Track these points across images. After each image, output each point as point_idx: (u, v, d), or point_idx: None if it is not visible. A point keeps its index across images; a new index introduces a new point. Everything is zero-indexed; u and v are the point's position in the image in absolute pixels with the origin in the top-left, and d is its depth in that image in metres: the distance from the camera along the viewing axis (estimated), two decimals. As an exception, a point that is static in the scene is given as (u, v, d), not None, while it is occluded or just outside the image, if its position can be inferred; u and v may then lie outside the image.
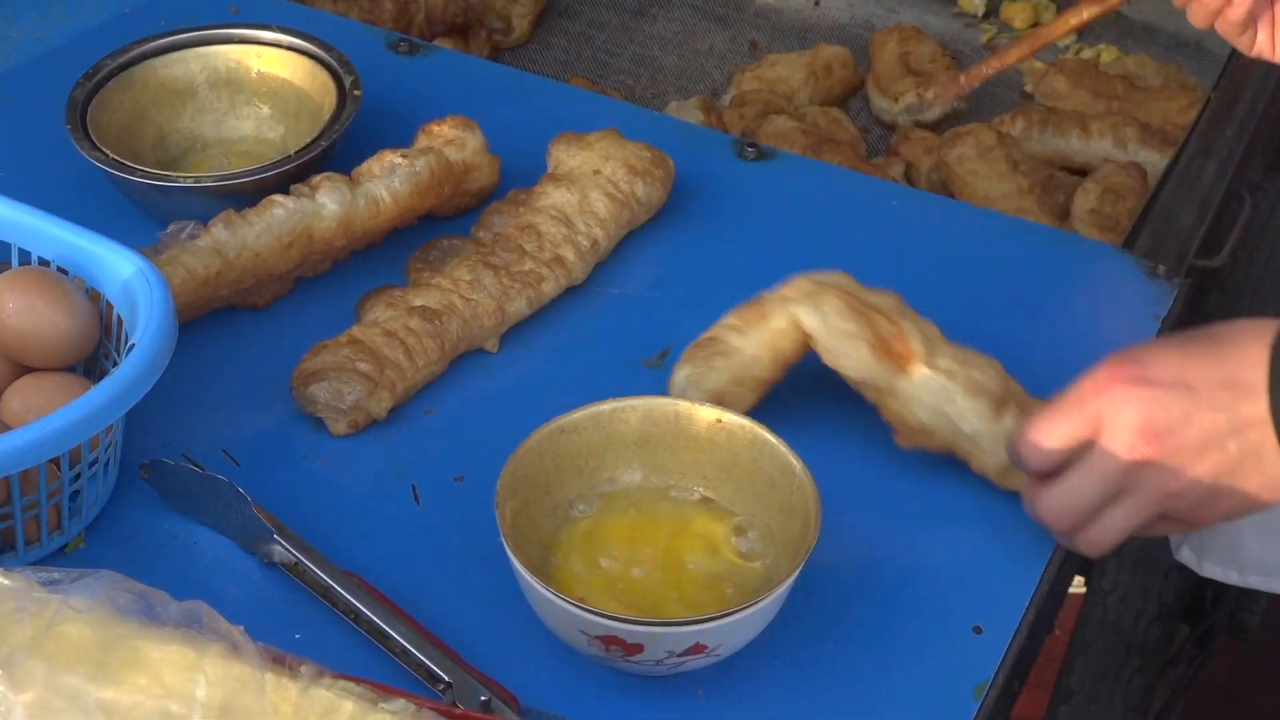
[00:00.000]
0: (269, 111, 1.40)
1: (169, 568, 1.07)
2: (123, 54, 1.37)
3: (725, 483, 1.07)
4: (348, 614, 1.04)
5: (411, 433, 1.17)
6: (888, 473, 1.15)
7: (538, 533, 1.04)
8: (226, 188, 1.27)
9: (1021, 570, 1.09)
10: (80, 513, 1.08)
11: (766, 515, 1.05)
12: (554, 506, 1.06)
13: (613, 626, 0.96)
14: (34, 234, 1.14)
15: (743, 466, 1.06)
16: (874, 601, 1.07)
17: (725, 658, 1.00)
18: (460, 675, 0.99)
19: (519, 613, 1.03)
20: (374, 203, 1.24)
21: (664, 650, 0.97)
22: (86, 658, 0.81)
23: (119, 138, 1.33)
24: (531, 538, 1.03)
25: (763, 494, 1.05)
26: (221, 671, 0.81)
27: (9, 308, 1.09)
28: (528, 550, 1.01)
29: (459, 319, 1.20)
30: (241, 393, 1.19)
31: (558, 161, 1.33)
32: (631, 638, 0.96)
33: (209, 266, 1.18)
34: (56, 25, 1.56)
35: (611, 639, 0.96)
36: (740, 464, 1.06)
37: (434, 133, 1.31)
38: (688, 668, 0.99)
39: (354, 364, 1.15)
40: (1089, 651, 1.67)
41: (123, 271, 1.10)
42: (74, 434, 1.00)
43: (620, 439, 1.07)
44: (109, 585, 0.84)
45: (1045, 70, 1.75)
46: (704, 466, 1.07)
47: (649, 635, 0.96)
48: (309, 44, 1.39)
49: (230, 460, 1.14)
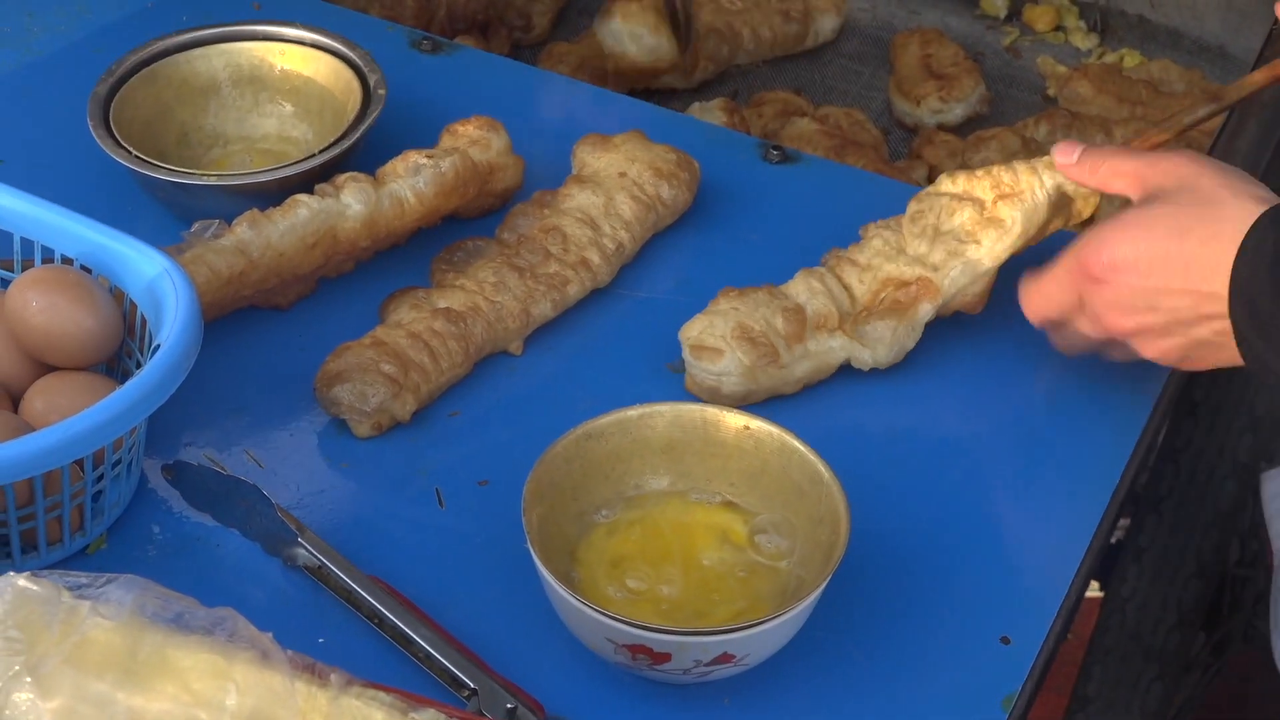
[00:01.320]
0: (292, 109, 1.40)
1: (191, 569, 1.07)
2: (145, 49, 1.37)
3: (752, 490, 1.06)
4: (371, 618, 1.03)
5: (435, 435, 1.16)
6: (915, 482, 1.14)
7: (563, 538, 1.03)
8: (250, 186, 1.27)
9: (1049, 581, 1.08)
10: (103, 513, 1.08)
11: (794, 520, 1.04)
12: (580, 512, 1.05)
13: (641, 635, 0.95)
14: (57, 232, 1.13)
15: (771, 474, 1.05)
16: (901, 611, 1.06)
17: (752, 667, 0.99)
18: (485, 682, 0.99)
19: (544, 619, 1.02)
20: (399, 203, 1.23)
21: (691, 659, 0.96)
22: (115, 664, 0.80)
23: (142, 134, 1.32)
24: (557, 544, 1.02)
25: (791, 502, 1.04)
26: (251, 679, 0.80)
27: (32, 306, 1.09)
28: (553, 557, 1.00)
29: (484, 321, 1.20)
30: (264, 394, 1.19)
31: (583, 163, 1.32)
32: (660, 646, 0.95)
33: (233, 266, 1.17)
34: (77, 20, 1.55)
35: (639, 648, 0.96)
36: (769, 471, 1.06)
37: (459, 133, 1.30)
38: (715, 677, 0.98)
39: (378, 365, 1.15)
40: (1107, 659, 1.67)
41: (147, 271, 1.09)
42: (99, 435, 0.99)
43: (647, 445, 1.07)
44: (137, 591, 0.83)
45: (1069, 74, 1.74)
46: (731, 473, 1.07)
47: (677, 644, 0.95)
48: (333, 41, 1.38)
49: (253, 461, 1.14)
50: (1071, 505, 1.13)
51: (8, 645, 0.78)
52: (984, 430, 1.18)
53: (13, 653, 0.78)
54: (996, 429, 1.18)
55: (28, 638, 0.79)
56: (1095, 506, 1.13)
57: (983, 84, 1.72)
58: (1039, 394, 1.21)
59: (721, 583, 1.02)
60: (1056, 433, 1.18)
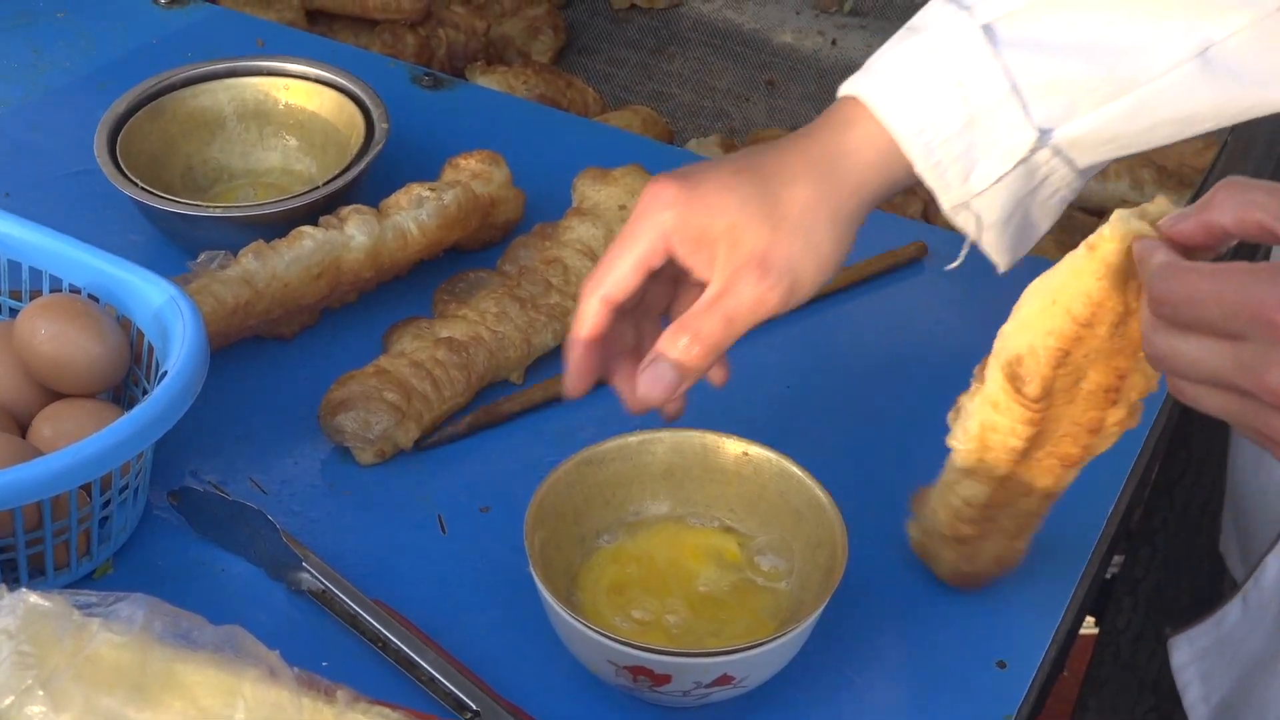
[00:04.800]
0: (296, 143, 1.41)
1: (197, 594, 1.08)
2: (152, 84, 1.39)
3: (751, 515, 1.08)
4: (375, 642, 1.04)
5: (437, 463, 1.18)
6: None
7: (565, 562, 1.05)
8: (255, 218, 1.28)
9: (1044, 606, 1.09)
10: (109, 538, 1.09)
11: (792, 544, 1.06)
12: (581, 537, 1.06)
13: (641, 657, 0.96)
14: (66, 261, 1.15)
15: (769, 499, 1.07)
16: (898, 635, 1.07)
17: (751, 689, 1.00)
18: (488, 704, 1.00)
19: (546, 642, 1.03)
20: (402, 235, 1.25)
21: (692, 681, 0.97)
22: (124, 680, 0.81)
23: (148, 167, 1.34)
24: (559, 567, 1.03)
25: (789, 526, 1.06)
26: (259, 695, 0.81)
27: (41, 334, 1.10)
28: (555, 580, 1.01)
29: (485, 350, 1.21)
30: (269, 422, 1.20)
31: (583, 196, 1.34)
32: (660, 668, 0.96)
33: (238, 296, 1.19)
34: (84, 55, 1.57)
35: (640, 669, 0.97)
36: (767, 496, 1.07)
37: (460, 166, 1.32)
38: (715, 699, 0.99)
39: (381, 394, 1.16)
40: (1102, 691, 1.67)
41: (154, 299, 1.11)
42: (107, 460, 1.01)
43: (647, 470, 1.08)
44: (146, 609, 0.84)
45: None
46: (730, 499, 1.08)
47: (677, 666, 0.96)
48: (337, 76, 1.40)
49: (258, 488, 1.15)
50: (1066, 534, 1.14)
51: (20, 660, 0.79)
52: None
53: (25, 667, 0.79)
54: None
55: (39, 653, 0.80)
56: (1089, 535, 1.15)
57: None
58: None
59: (724, 607, 1.03)
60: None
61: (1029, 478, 0.99)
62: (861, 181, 1.03)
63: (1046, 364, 0.91)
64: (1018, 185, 1.04)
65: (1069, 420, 0.95)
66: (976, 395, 0.97)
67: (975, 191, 1.04)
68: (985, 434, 0.97)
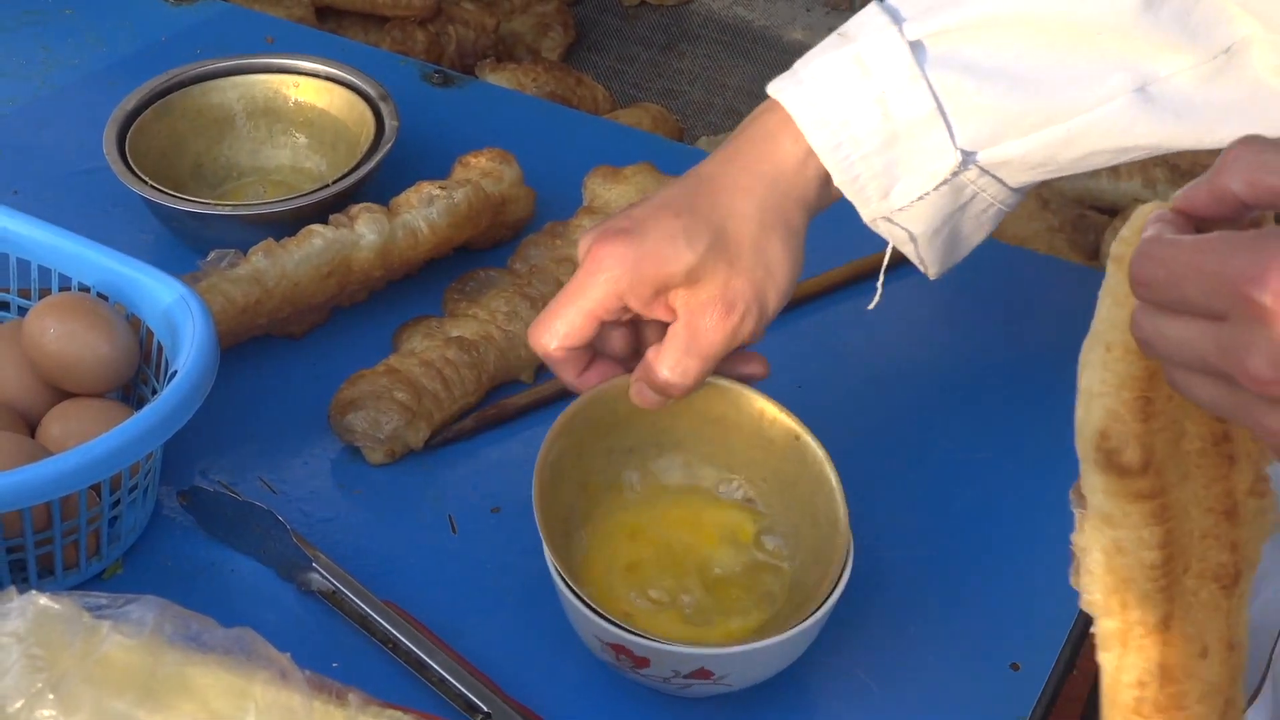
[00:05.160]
0: (306, 141, 1.41)
1: (206, 594, 1.08)
2: (161, 81, 1.38)
3: (778, 496, 1.06)
4: (386, 643, 1.04)
5: (448, 463, 1.17)
6: (924, 510, 1.15)
7: (582, 476, 1.04)
8: (265, 216, 1.28)
9: (1058, 608, 1.09)
10: (119, 538, 1.09)
11: (803, 540, 1.05)
12: (609, 450, 1.05)
13: (621, 636, 0.96)
14: (74, 260, 1.14)
15: (800, 492, 1.05)
16: (911, 638, 1.07)
17: (739, 688, 0.99)
18: (498, 706, 0.99)
19: (557, 643, 1.03)
20: (412, 234, 1.24)
21: (669, 669, 0.97)
22: (135, 683, 0.81)
23: (157, 165, 1.33)
24: (574, 479, 1.03)
25: (804, 524, 1.04)
26: (270, 698, 0.81)
27: (49, 333, 1.09)
28: (562, 498, 1.02)
29: (496, 349, 1.21)
30: (279, 421, 1.20)
31: (593, 194, 1.33)
32: (638, 650, 0.96)
33: (248, 295, 1.18)
34: (92, 52, 1.57)
35: (621, 648, 0.97)
36: (799, 488, 1.05)
37: (471, 165, 1.32)
38: (699, 693, 0.99)
39: (392, 393, 1.16)
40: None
41: (164, 298, 1.10)
42: (117, 460, 1.00)
43: (700, 412, 1.06)
44: (156, 611, 0.84)
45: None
46: (765, 471, 1.06)
47: (654, 651, 0.96)
48: (346, 74, 1.40)
49: (267, 488, 1.15)
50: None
51: (30, 663, 0.79)
52: (994, 456, 1.19)
53: (35, 670, 0.79)
54: (1007, 455, 1.19)
55: (49, 655, 0.80)
56: (1103, 535, 1.14)
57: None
58: (1052, 422, 1.22)
59: (735, 585, 1.03)
60: (1068, 460, 1.18)
61: (1192, 623, 0.77)
62: (802, 196, 1.02)
63: (1134, 420, 0.74)
64: (944, 202, 1.02)
65: (1196, 507, 0.76)
66: (1085, 522, 0.78)
67: (895, 208, 1.02)
68: (1112, 561, 0.77)
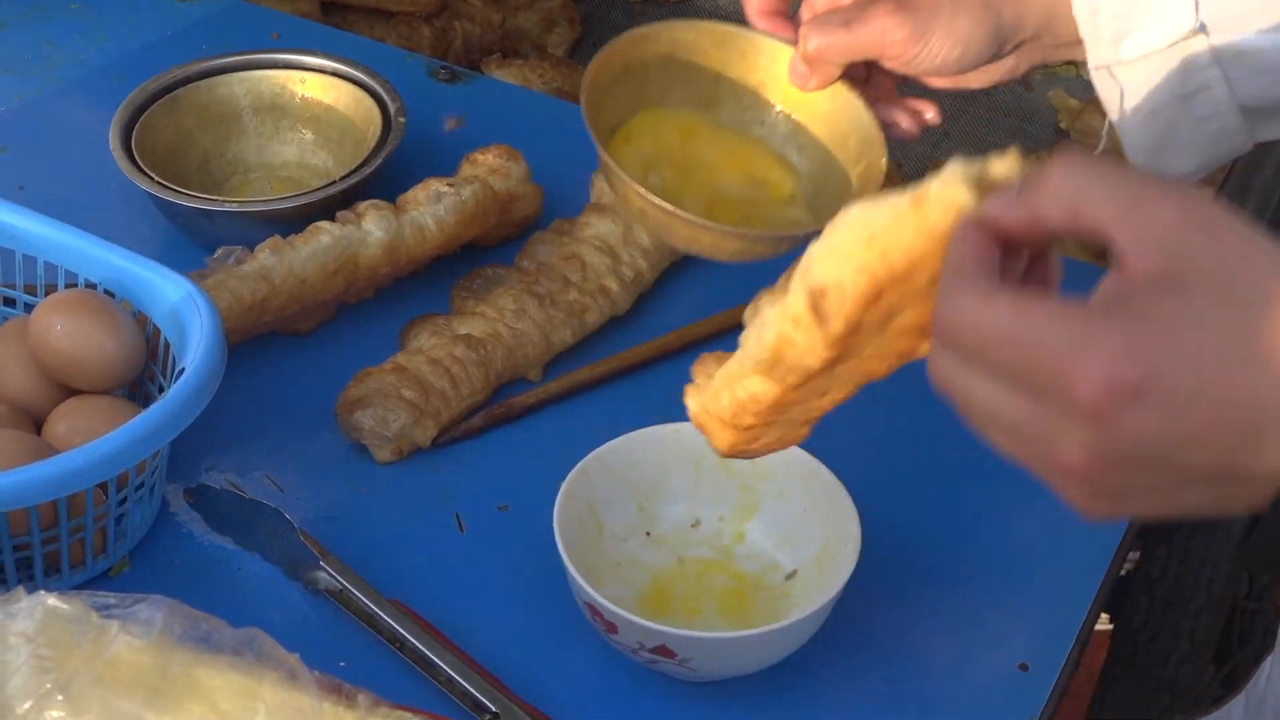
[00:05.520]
0: (312, 137, 1.41)
1: (213, 592, 1.07)
2: (167, 76, 1.38)
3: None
4: (393, 641, 1.03)
5: (455, 461, 1.17)
6: (932, 509, 1.15)
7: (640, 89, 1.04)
8: (272, 213, 1.28)
9: (1066, 608, 1.09)
10: (125, 536, 1.08)
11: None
12: (689, 81, 1.05)
13: (594, 599, 0.97)
14: (81, 257, 1.14)
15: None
16: (919, 637, 1.06)
17: (703, 676, 1.00)
18: (506, 705, 0.99)
19: (565, 643, 1.03)
20: (419, 231, 1.24)
21: (635, 640, 0.97)
22: (143, 684, 0.81)
23: (163, 161, 1.33)
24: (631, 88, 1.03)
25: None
26: (279, 699, 0.81)
27: (56, 330, 1.09)
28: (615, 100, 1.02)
29: (504, 348, 1.20)
30: (286, 419, 1.19)
31: (601, 192, 1.33)
32: (607, 614, 0.97)
33: (255, 292, 1.18)
34: (98, 48, 1.56)
35: (594, 610, 0.97)
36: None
37: (478, 161, 1.31)
38: (667, 670, 0.99)
39: (399, 391, 1.15)
40: (1118, 689, 1.67)
41: (171, 295, 1.10)
42: (123, 458, 1.00)
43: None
44: (165, 611, 0.84)
45: (1081, 108, 1.75)
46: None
47: (621, 620, 0.96)
48: (353, 70, 1.39)
49: (274, 486, 1.14)
50: (1087, 533, 1.13)
51: (39, 663, 0.78)
52: (1002, 457, 1.18)
53: (44, 670, 0.78)
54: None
55: (57, 656, 0.79)
56: (1112, 535, 1.14)
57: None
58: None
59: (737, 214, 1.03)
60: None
61: (826, 385, 0.84)
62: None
63: (854, 304, 0.75)
64: (1169, 84, 1.00)
65: (877, 347, 0.80)
66: (777, 304, 0.80)
67: (1123, 59, 1.01)
68: (781, 346, 0.80)
